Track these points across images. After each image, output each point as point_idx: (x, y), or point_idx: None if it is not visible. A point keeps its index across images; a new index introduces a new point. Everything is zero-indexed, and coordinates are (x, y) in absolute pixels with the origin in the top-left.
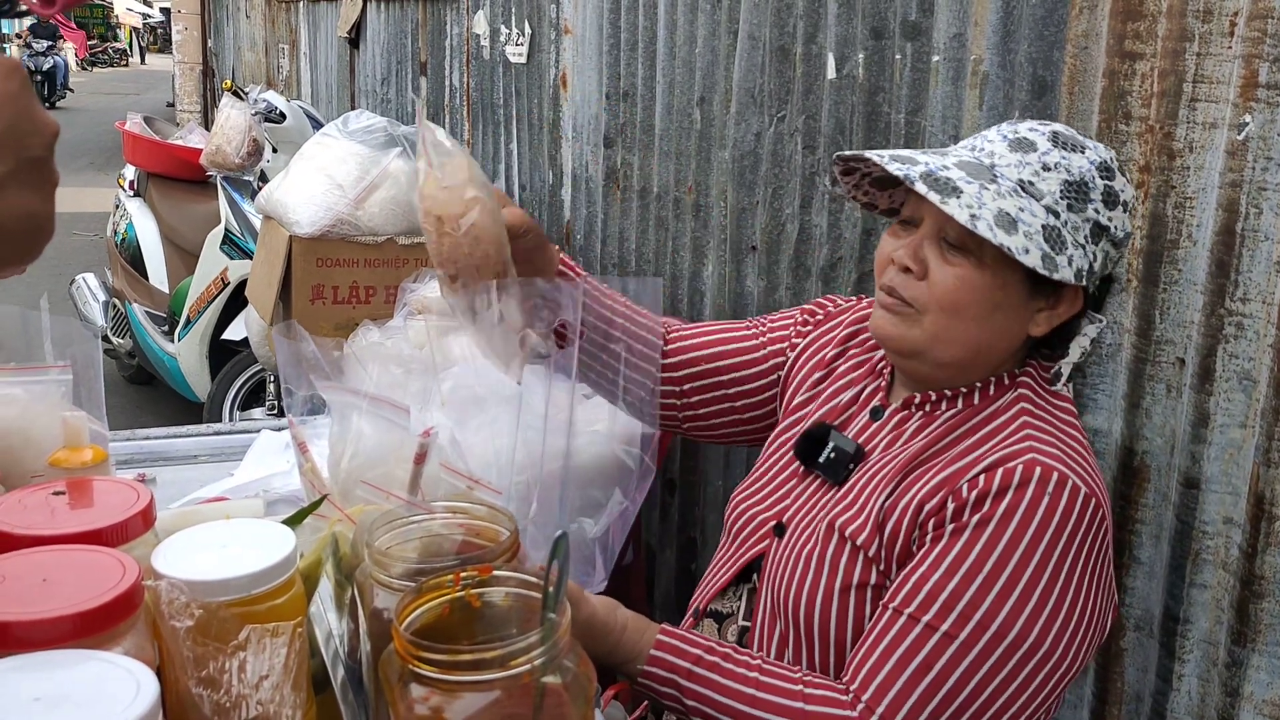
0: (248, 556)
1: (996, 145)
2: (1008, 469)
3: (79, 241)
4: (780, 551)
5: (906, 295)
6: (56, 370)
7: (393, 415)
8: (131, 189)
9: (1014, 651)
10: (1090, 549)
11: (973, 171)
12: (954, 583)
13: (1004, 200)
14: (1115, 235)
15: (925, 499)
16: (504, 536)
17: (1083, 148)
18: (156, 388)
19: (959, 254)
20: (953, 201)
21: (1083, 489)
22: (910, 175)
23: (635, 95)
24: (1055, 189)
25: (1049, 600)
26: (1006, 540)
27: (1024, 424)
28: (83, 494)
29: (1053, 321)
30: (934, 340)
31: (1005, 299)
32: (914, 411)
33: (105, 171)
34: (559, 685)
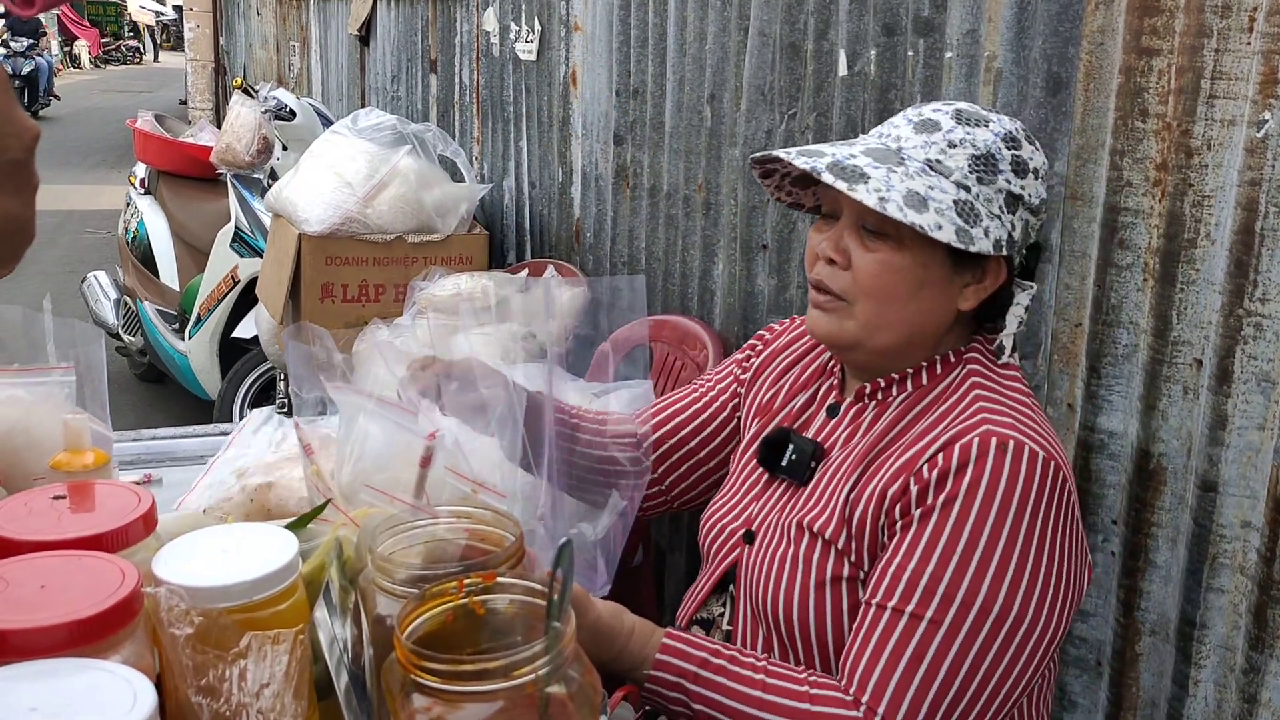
0: (249, 562)
1: (902, 129)
2: (964, 444)
3: (91, 239)
4: (752, 557)
5: (834, 287)
6: (60, 371)
7: (399, 418)
8: (142, 187)
9: (1000, 626)
10: (1056, 511)
11: (879, 157)
12: (930, 568)
13: (912, 181)
14: (1031, 202)
15: (888, 484)
16: (509, 541)
17: (986, 121)
18: (168, 386)
19: (878, 239)
20: (860, 187)
21: (1040, 453)
22: (817, 167)
23: (645, 92)
24: (963, 164)
25: (1025, 569)
26: (975, 516)
27: (976, 398)
28: (83, 498)
29: (980, 295)
30: (867, 328)
31: (929, 277)
32: (867, 402)
33: (117, 169)
34: (564, 695)
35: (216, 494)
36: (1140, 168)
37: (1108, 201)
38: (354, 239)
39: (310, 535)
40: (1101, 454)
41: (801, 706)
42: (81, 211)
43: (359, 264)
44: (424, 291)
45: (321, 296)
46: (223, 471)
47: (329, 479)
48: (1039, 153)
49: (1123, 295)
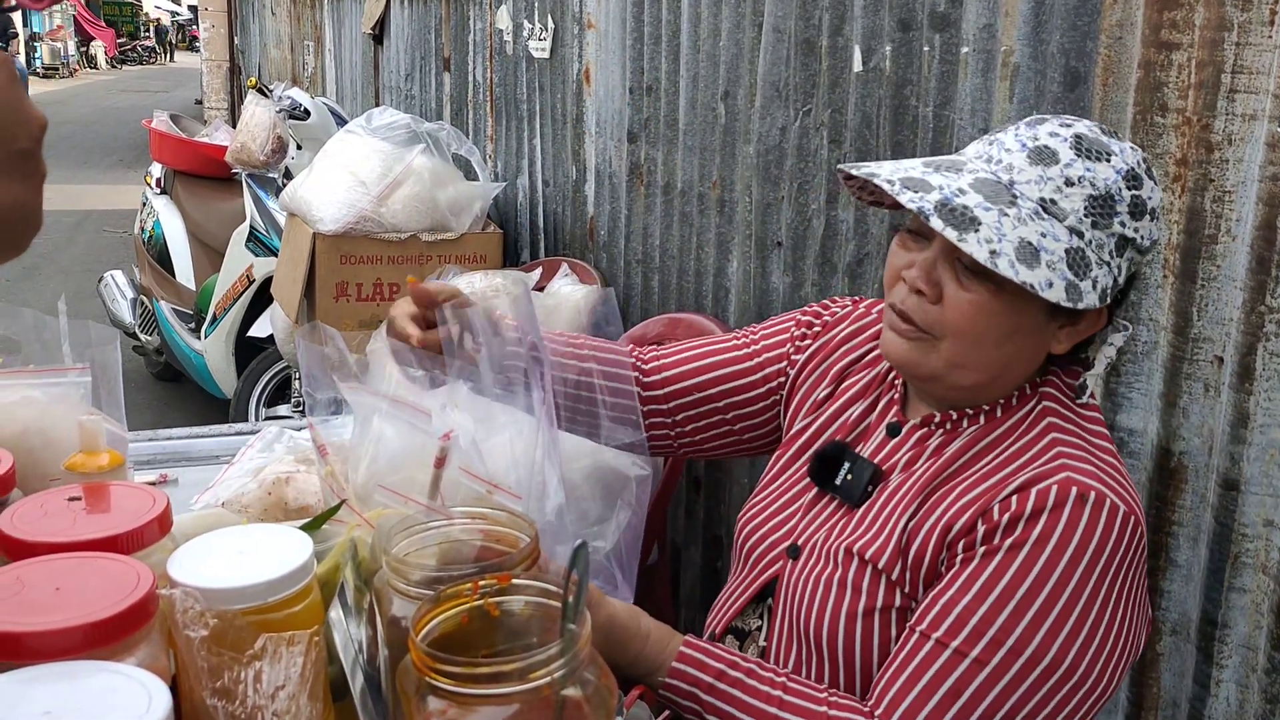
0: (264, 563)
1: (1015, 156)
2: (1041, 490)
3: (108, 239)
4: (795, 575)
5: (920, 321)
6: (75, 372)
7: (413, 418)
8: (158, 187)
9: (1047, 678)
10: (1129, 569)
11: (990, 194)
12: (985, 608)
13: (1024, 227)
14: (1142, 245)
15: (953, 520)
16: (524, 543)
17: (1108, 154)
18: (184, 384)
19: (975, 279)
20: (970, 237)
21: (1121, 507)
22: (925, 209)
23: (659, 90)
24: (1079, 207)
25: (1085, 625)
26: (1043, 563)
27: (1054, 440)
28: (99, 500)
29: (1075, 338)
30: (951, 366)
31: (1025, 324)
32: (934, 430)
33: (134, 169)
34: (580, 698)
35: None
36: (1160, 163)
37: None
38: (368, 238)
39: (324, 536)
40: (1122, 452)
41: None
42: (99, 211)
43: (373, 263)
44: None
45: (336, 295)
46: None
47: (343, 480)
48: (1158, 189)
49: (1143, 291)
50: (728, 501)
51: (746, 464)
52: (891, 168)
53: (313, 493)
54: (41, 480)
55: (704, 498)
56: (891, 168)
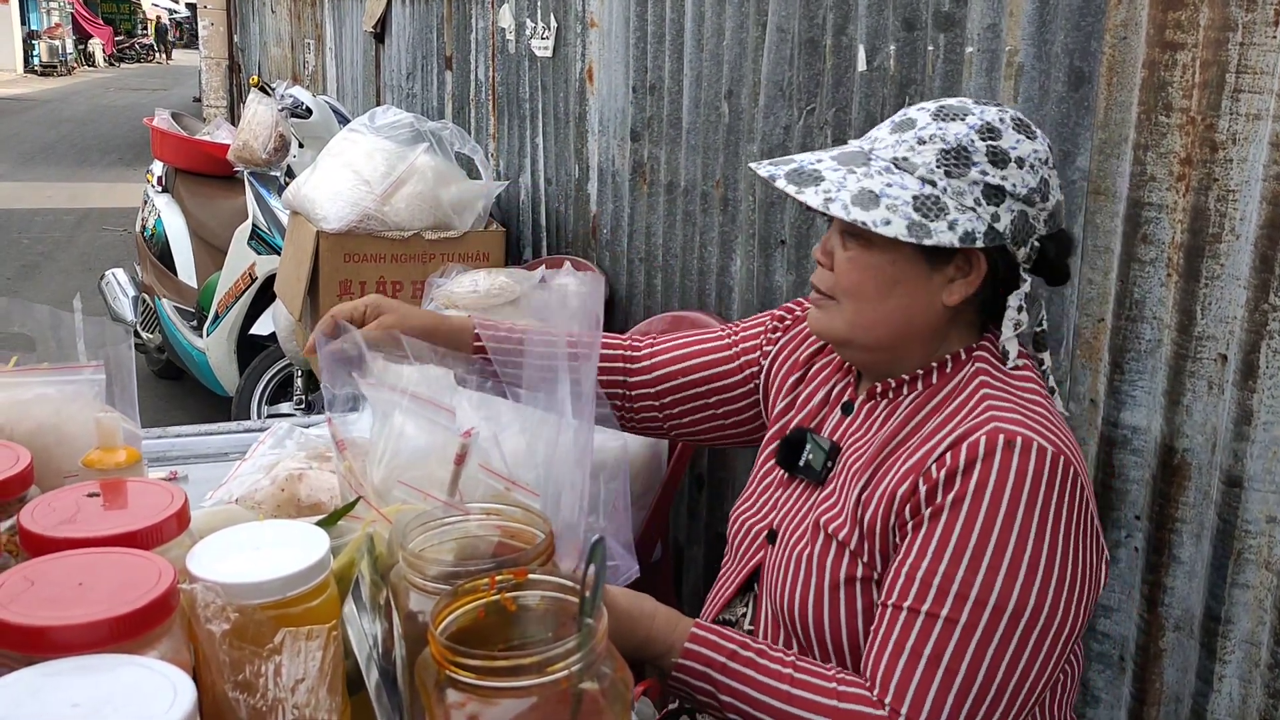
0: (282, 558)
1: (882, 130)
2: (971, 442)
3: (109, 237)
4: (775, 558)
5: (823, 287)
6: (90, 370)
7: (435, 415)
8: (160, 185)
9: (1017, 623)
10: (1069, 507)
11: (846, 159)
12: (944, 566)
13: (870, 180)
14: (1017, 192)
15: (898, 484)
16: (539, 539)
17: (965, 114)
18: (185, 382)
19: (853, 239)
20: (809, 190)
21: (1049, 449)
22: (774, 174)
23: (662, 89)
24: (930, 159)
25: (1039, 565)
26: (985, 514)
27: (984, 396)
28: (117, 495)
29: (967, 289)
30: (853, 325)
31: (901, 273)
32: (879, 400)
33: (134, 167)
34: (596, 691)
35: (246, 485)
36: (1164, 162)
37: (1131, 196)
38: (372, 236)
39: (339, 532)
40: (1125, 449)
41: (829, 703)
42: (99, 209)
43: (377, 261)
44: (441, 288)
45: (340, 293)
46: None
47: (361, 475)
48: (1029, 140)
49: (1146, 290)
50: (731, 500)
51: (750, 462)
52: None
53: (325, 489)
54: (56, 477)
55: (707, 496)
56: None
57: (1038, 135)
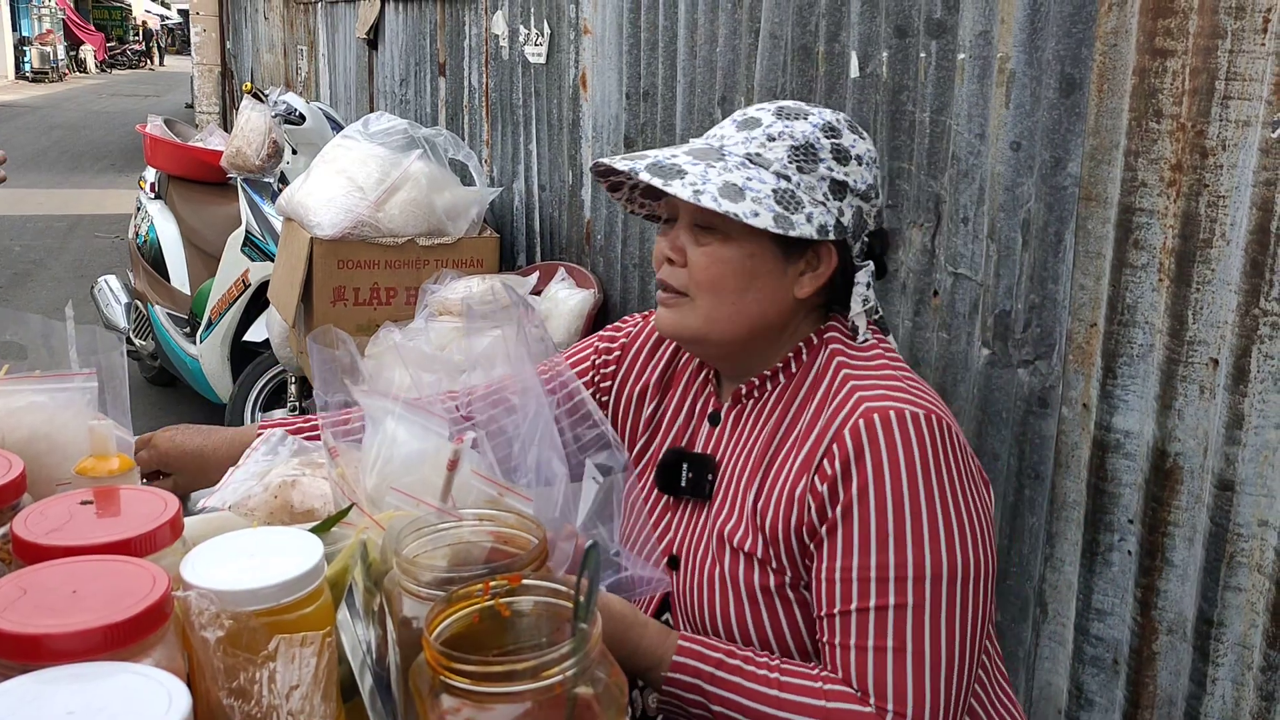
0: (276, 565)
1: (726, 129)
2: (852, 428)
3: (101, 244)
4: (683, 583)
5: (675, 284)
6: (82, 377)
7: (427, 422)
8: (152, 191)
9: (955, 582)
10: (950, 457)
11: (700, 155)
12: (874, 559)
13: (731, 174)
14: (858, 188)
15: (793, 484)
16: (533, 544)
17: (806, 114)
18: (179, 389)
19: (707, 234)
20: (676, 183)
21: (920, 413)
22: (635, 168)
23: (656, 95)
24: (783, 155)
25: (951, 522)
26: (890, 495)
27: (845, 377)
28: (110, 503)
29: (816, 282)
30: (708, 321)
31: (758, 267)
32: (745, 404)
33: (126, 173)
34: (591, 696)
35: (239, 492)
36: (1155, 168)
37: (1122, 202)
38: (365, 242)
39: (333, 539)
40: (1117, 453)
41: (817, 703)
42: (91, 216)
43: (370, 267)
44: (435, 294)
45: (333, 300)
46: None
47: (354, 482)
48: (863, 141)
49: (1138, 295)
50: None
51: None
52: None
53: (318, 496)
54: (48, 485)
55: None
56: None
57: (867, 137)
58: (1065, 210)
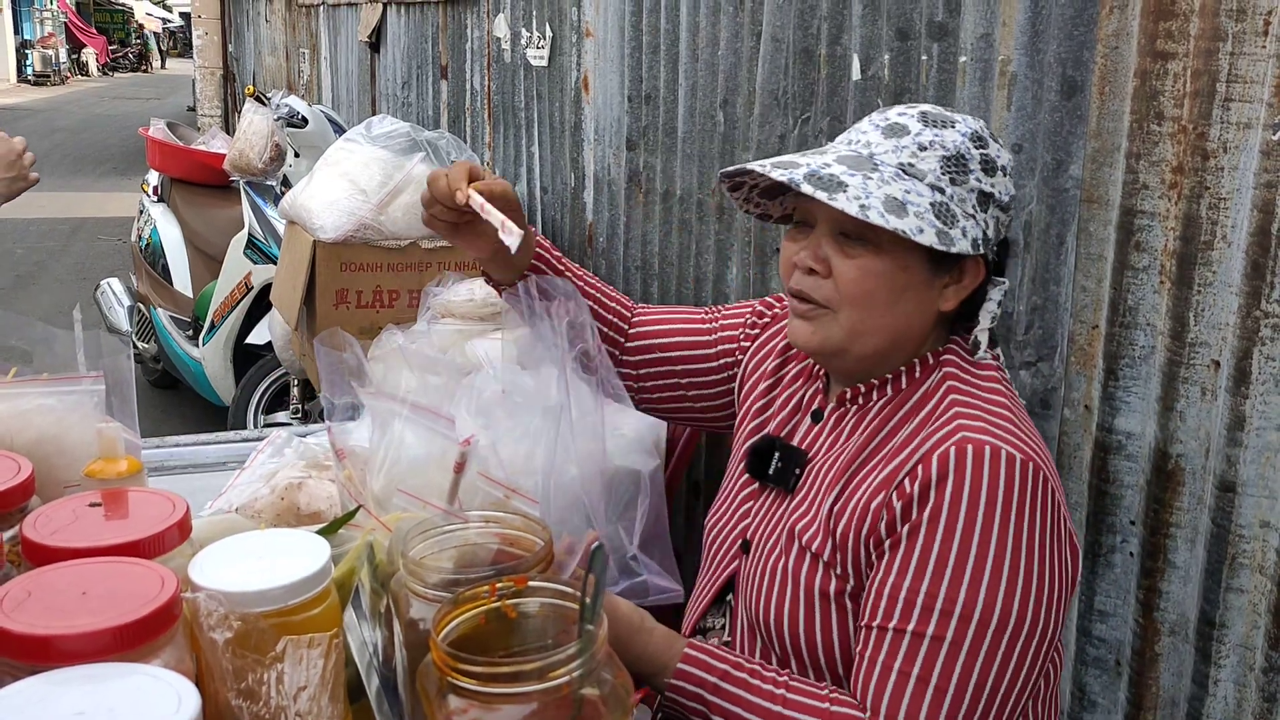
0: (284, 567)
1: (871, 135)
2: (941, 455)
3: (104, 246)
4: (749, 568)
5: (817, 297)
6: (89, 380)
7: (434, 424)
8: (155, 194)
9: (1001, 634)
10: (1040, 511)
11: (854, 164)
12: (925, 584)
13: (889, 186)
14: (1001, 200)
15: (870, 498)
16: (539, 546)
17: (952, 122)
18: (181, 392)
19: (857, 245)
20: (840, 196)
21: (1018, 456)
22: (794, 179)
23: (657, 98)
24: (935, 166)
25: (1018, 575)
26: (961, 528)
27: (952, 403)
28: (119, 505)
29: (960, 294)
30: (852, 335)
31: (910, 280)
32: (849, 407)
33: (128, 176)
34: (597, 697)
35: (246, 494)
36: (1156, 171)
37: (1124, 204)
38: (368, 245)
39: (339, 540)
40: (1119, 455)
41: None
42: (94, 219)
43: (373, 270)
44: (438, 297)
45: (336, 303)
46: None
47: (360, 484)
48: (1004, 150)
49: (1139, 297)
50: None
51: None
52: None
53: (324, 498)
54: (56, 487)
55: (703, 503)
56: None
57: (1003, 146)
58: (1067, 212)
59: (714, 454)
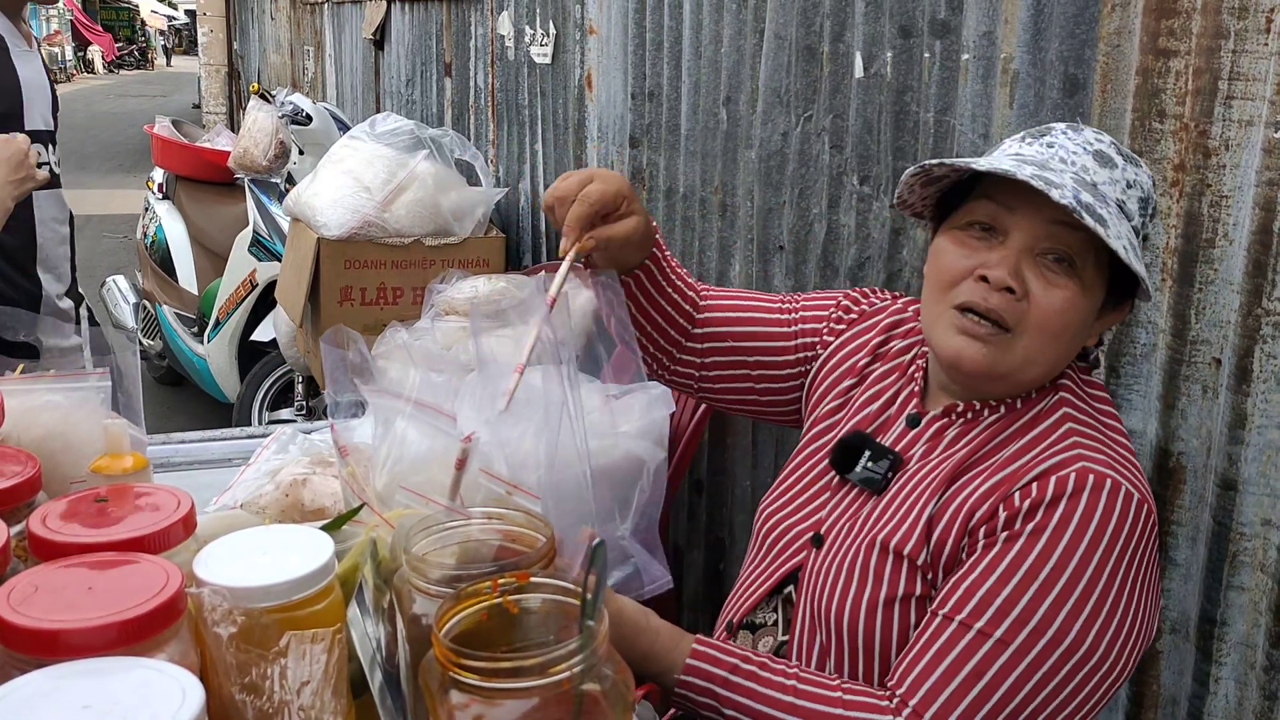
0: (288, 562)
1: (1083, 159)
2: (1060, 477)
3: (109, 244)
4: (820, 563)
5: (1007, 319)
6: (96, 377)
7: (436, 421)
8: (160, 192)
9: (1067, 659)
10: (1142, 554)
11: (1093, 194)
12: (1008, 590)
13: (1119, 225)
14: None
15: (975, 506)
16: (541, 542)
17: (1138, 161)
18: (186, 389)
19: (1064, 276)
20: (1108, 232)
21: (1135, 495)
22: (1075, 207)
23: (661, 95)
24: (1136, 208)
25: (1103, 607)
26: (1062, 548)
27: (1070, 430)
28: (125, 501)
29: (1106, 329)
30: (1025, 364)
31: (1088, 316)
32: (954, 420)
33: (133, 174)
34: (598, 692)
35: (250, 490)
36: (1158, 168)
37: None
38: (372, 242)
39: (343, 536)
40: None
41: (835, 712)
42: (99, 216)
43: (377, 267)
44: (442, 294)
45: (340, 300)
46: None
47: (364, 481)
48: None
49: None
50: (730, 504)
51: (749, 467)
52: (990, 162)
53: (328, 494)
54: (62, 483)
55: (706, 500)
56: (990, 162)
57: None
58: None
59: (716, 452)
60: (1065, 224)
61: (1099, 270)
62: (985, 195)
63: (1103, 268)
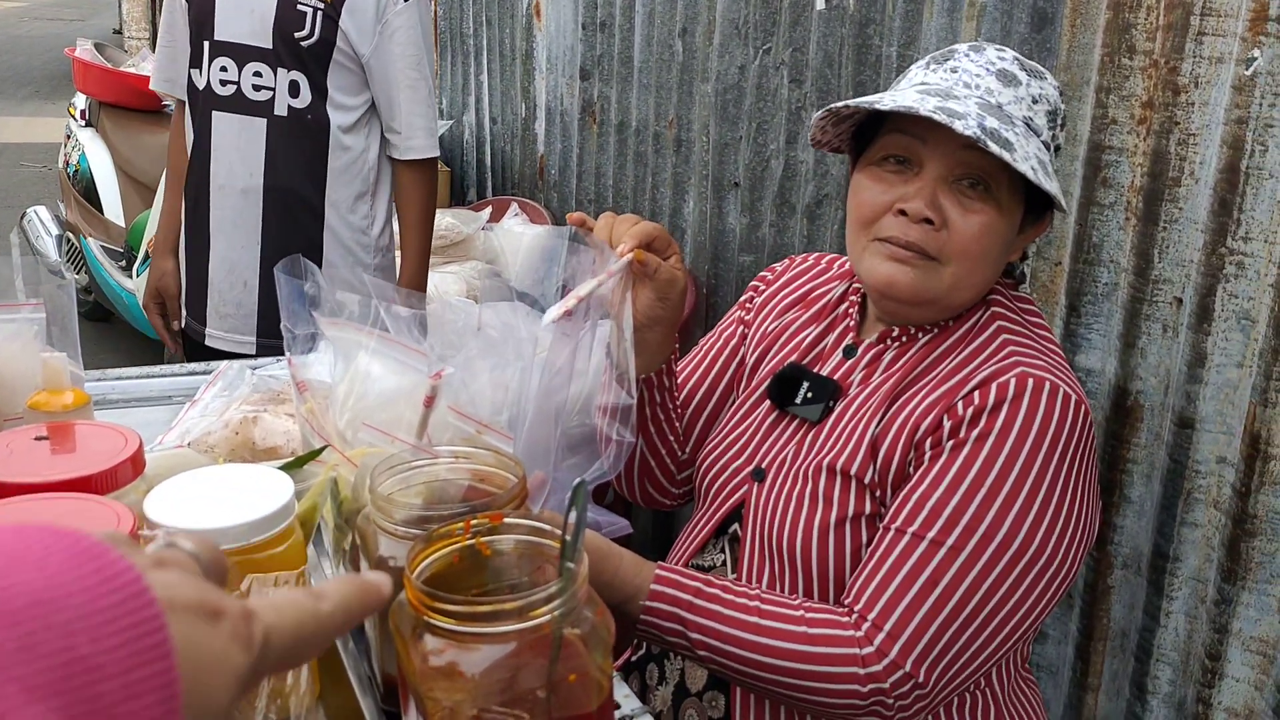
0: (244, 504)
1: (986, 80)
2: (1001, 383)
3: (27, 173)
4: (764, 496)
5: (931, 248)
6: (29, 308)
7: (404, 356)
8: (83, 119)
9: (1018, 561)
10: (1083, 454)
11: (998, 116)
12: (956, 498)
13: (1029, 144)
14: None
15: (919, 419)
16: (511, 482)
17: (1041, 73)
18: (114, 324)
19: (980, 200)
20: (1014, 157)
21: (1074, 396)
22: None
23: (613, 26)
24: (1044, 123)
25: (1049, 508)
26: (1007, 452)
27: (1006, 340)
28: (66, 439)
29: (1024, 245)
30: (953, 289)
31: (1011, 235)
32: (890, 344)
33: (52, 100)
34: (577, 636)
35: (198, 429)
36: (1126, 105)
37: (1092, 139)
38: None
39: (300, 476)
40: None
41: (799, 629)
42: (16, 144)
43: None
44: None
45: None
46: (201, 412)
47: (323, 417)
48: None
49: (1104, 234)
50: None
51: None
52: (894, 98)
53: (280, 432)
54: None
55: None
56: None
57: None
58: None
59: None
60: (976, 149)
61: (1014, 189)
62: (897, 129)
63: (1018, 187)
